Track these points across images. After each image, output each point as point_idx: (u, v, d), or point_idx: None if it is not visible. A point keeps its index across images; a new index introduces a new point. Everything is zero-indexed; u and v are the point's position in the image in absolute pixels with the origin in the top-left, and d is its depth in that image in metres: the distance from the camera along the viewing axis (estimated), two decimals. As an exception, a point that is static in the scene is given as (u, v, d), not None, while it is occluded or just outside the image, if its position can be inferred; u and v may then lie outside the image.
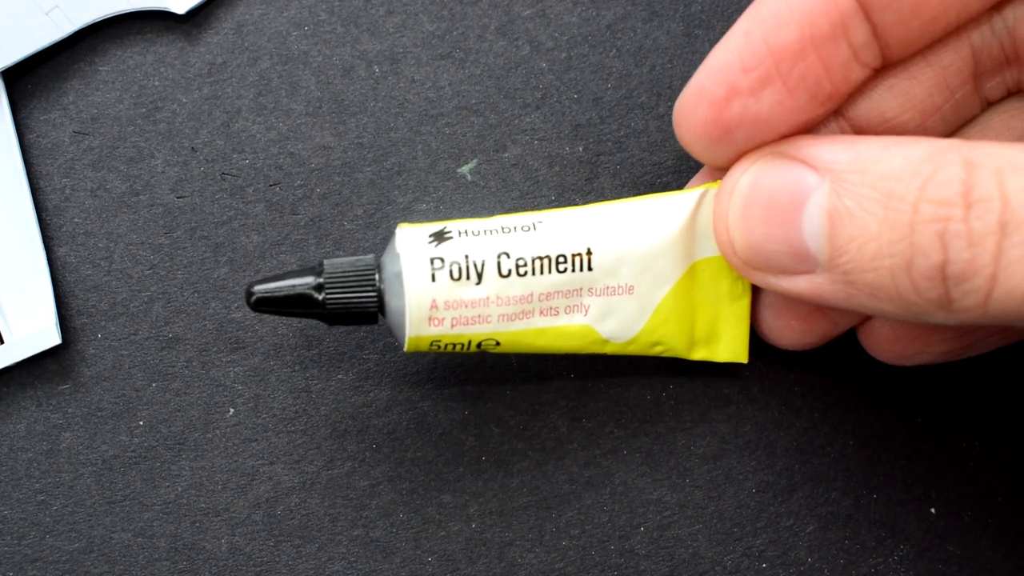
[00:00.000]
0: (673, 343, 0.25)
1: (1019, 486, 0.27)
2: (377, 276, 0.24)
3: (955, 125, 0.25)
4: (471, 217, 0.25)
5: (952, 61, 0.23)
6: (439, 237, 0.23)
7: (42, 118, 0.28)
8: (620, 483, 0.27)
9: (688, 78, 0.24)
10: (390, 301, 0.24)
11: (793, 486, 0.27)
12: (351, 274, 0.23)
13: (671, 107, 0.28)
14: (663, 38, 0.29)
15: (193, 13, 0.29)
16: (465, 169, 0.28)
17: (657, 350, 0.25)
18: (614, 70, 0.29)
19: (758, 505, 0.27)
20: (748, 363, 0.27)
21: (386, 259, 0.24)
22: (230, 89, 0.28)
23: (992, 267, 0.18)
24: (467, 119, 0.28)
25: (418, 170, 0.28)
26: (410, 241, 0.23)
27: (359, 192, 0.28)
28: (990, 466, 0.28)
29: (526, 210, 0.28)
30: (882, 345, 0.26)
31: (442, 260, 0.23)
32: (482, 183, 0.28)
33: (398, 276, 0.23)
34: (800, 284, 0.22)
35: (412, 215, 0.28)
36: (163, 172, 0.28)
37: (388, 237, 0.28)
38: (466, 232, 0.24)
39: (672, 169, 0.28)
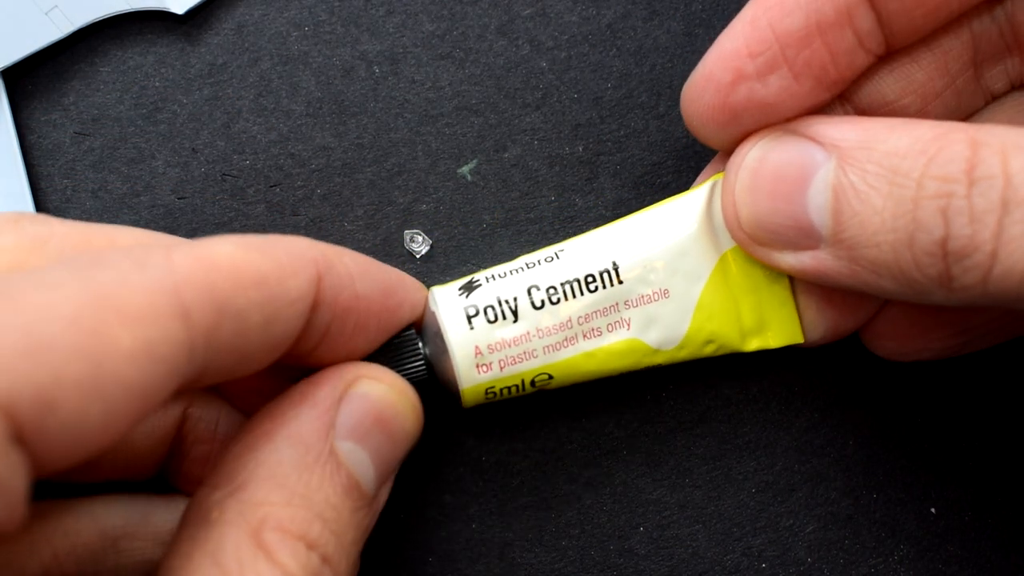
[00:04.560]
0: (724, 338, 0.25)
1: (1019, 486, 0.27)
2: (420, 343, 0.24)
3: (957, 114, 0.25)
4: (495, 264, 0.25)
5: (953, 46, 0.24)
6: (468, 288, 0.24)
7: (43, 119, 0.28)
8: (620, 483, 0.27)
9: (688, 77, 0.24)
10: (438, 361, 0.24)
11: (793, 486, 0.27)
12: (397, 348, 0.24)
13: (671, 107, 0.28)
14: (663, 37, 0.29)
15: (193, 13, 0.28)
16: (465, 169, 0.28)
17: (710, 349, 0.25)
18: (614, 70, 0.29)
19: (758, 505, 0.27)
20: (748, 363, 0.27)
21: (425, 324, 0.25)
22: (231, 90, 0.28)
23: (992, 244, 0.19)
24: (467, 119, 0.28)
25: (418, 170, 0.28)
26: (443, 299, 0.24)
27: (359, 193, 0.28)
28: (990, 466, 0.28)
29: (527, 212, 0.28)
30: (883, 341, 0.26)
31: (476, 307, 0.24)
32: (482, 183, 0.28)
33: (439, 334, 0.24)
34: (804, 260, 0.22)
35: (412, 215, 0.28)
36: (164, 173, 0.28)
37: (388, 237, 0.28)
38: (493, 277, 0.24)
39: (672, 169, 0.28)
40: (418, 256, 0.28)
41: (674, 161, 0.28)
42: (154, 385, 0.16)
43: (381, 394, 0.22)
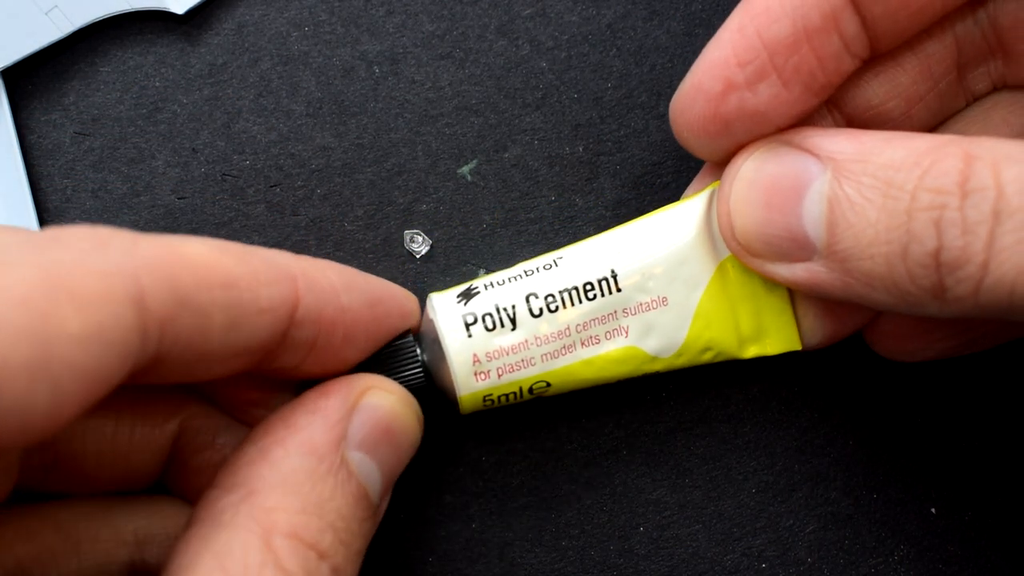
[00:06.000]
0: (722, 345, 0.25)
1: (1019, 486, 0.27)
2: (418, 350, 0.24)
3: (940, 116, 0.25)
4: (495, 270, 0.25)
5: (936, 50, 0.24)
6: (467, 295, 0.24)
7: (43, 119, 0.28)
8: (620, 483, 0.27)
9: (676, 90, 0.24)
10: (436, 368, 0.24)
11: (793, 486, 0.27)
12: (395, 354, 0.24)
13: (671, 107, 0.28)
14: (663, 37, 0.29)
15: (193, 13, 0.28)
16: (465, 169, 0.28)
17: (708, 356, 0.25)
18: (614, 70, 0.29)
19: (758, 505, 0.27)
20: (748, 363, 0.27)
21: (423, 331, 0.25)
22: (231, 90, 0.28)
23: (984, 254, 0.19)
24: (467, 119, 0.28)
25: (418, 170, 0.28)
26: (441, 306, 0.24)
27: (359, 193, 0.28)
28: (990, 466, 0.27)
29: (527, 212, 0.28)
30: (887, 341, 0.26)
31: (474, 315, 0.24)
32: (482, 183, 0.28)
33: (437, 341, 0.24)
34: (798, 272, 0.22)
35: (412, 215, 0.28)
36: (164, 173, 0.28)
37: (388, 237, 0.28)
38: (491, 284, 0.24)
39: (672, 169, 0.28)
40: (418, 256, 0.28)
41: (674, 161, 0.28)
42: (104, 369, 0.16)
43: (390, 406, 0.22)
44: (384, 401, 0.22)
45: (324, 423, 0.21)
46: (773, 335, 0.25)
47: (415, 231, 0.28)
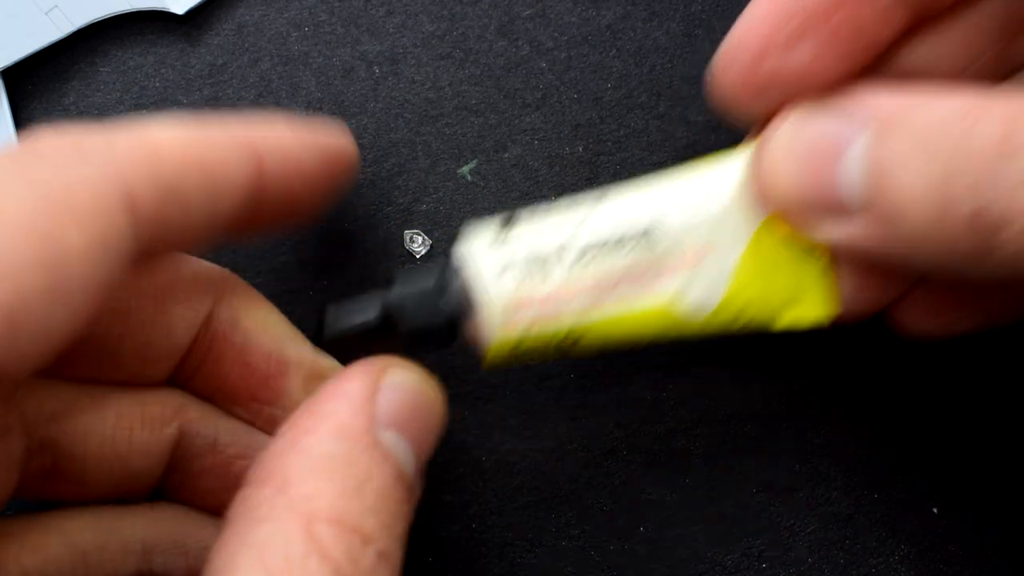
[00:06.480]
0: (757, 310, 0.24)
1: (1019, 486, 0.27)
2: (445, 296, 0.23)
3: (989, 83, 0.24)
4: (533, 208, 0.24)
5: (982, 18, 0.23)
6: (500, 243, 0.23)
7: (43, 119, 0.28)
8: (620, 483, 0.27)
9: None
10: (465, 317, 0.23)
11: (793, 486, 0.27)
12: (420, 295, 0.23)
13: (671, 107, 0.28)
14: (663, 38, 0.29)
15: (193, 14, 0.29)
16: (465, 169, 0.28)
17: (742, 322, 0.24)
18: (614, 70, 0.29)
19: (758, 505, 0.27)
20: (748, 362, 0.27)
21: (453, 279, 0.24)
22: (231, 90, 0.28)
23: None
24: (467, 119, 0.28)
25: (418, 170, 0.28)
26: (475, 246, 0.23)
27: (359, 193, 0.28)
28: (992, 466, 0.27)
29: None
30: (914, 317, 0.25)
31: (508, 263, 0.23)
32: (482, 183, 0.28)
33: (468, 288, 0.23)
34: (838, 232, 0.22)
35: (412, 215, 0.28)
36: (163, 173, 0.28)
37: (388, 237, 0.28)
38: (526, 234, 0.23)
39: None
40: (418, 256, 0.28)
41: (674, 161, 0.28)
42: (108, 275, 0.17)
43: (414, 382, 0.22)
44: (407, 378, 0.22)
45: (350, 406, 0.20)
46: (810, 300, 0.25)
47: (415, 231, 0.28)
